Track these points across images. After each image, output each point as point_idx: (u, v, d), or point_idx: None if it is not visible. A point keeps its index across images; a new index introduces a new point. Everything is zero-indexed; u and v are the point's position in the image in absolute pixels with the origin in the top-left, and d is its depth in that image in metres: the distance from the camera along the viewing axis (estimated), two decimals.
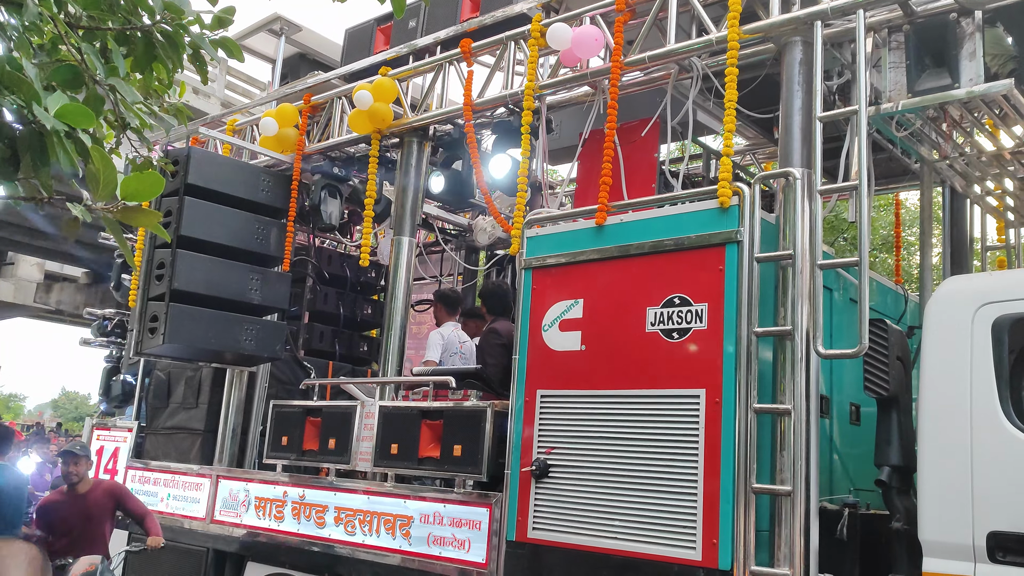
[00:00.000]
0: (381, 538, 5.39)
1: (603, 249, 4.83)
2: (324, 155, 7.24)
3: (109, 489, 6.14)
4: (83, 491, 5.95)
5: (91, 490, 6.00)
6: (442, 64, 6.42)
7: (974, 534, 3.49)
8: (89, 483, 6.05)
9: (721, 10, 4.88)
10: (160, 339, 6.04)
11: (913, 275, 12.31)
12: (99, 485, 6.15)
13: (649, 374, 4.47)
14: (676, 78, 5.41)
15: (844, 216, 12.18)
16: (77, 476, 5.94)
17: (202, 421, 7.32)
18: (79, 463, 5.96)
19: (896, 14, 4.54)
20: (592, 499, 4.52)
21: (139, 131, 2.83)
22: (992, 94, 4.39)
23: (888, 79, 4.59)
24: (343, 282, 8.00)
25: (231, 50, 2.90)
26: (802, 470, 4.04)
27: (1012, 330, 3.65)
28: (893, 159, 5.85)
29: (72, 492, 5.95)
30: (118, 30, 2.65)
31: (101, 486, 6.14)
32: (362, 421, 5.77)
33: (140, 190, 2.17)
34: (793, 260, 4.27)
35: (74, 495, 5.94)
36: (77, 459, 5.97)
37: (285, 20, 10.77)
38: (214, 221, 6.46)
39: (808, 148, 4.45)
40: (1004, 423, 3.54)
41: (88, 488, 5.99)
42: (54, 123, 2.13)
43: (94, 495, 5.98)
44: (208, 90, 17.44)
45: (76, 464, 5.95)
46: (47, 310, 28.58)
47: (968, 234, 6.16)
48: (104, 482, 6.40)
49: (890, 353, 4.12)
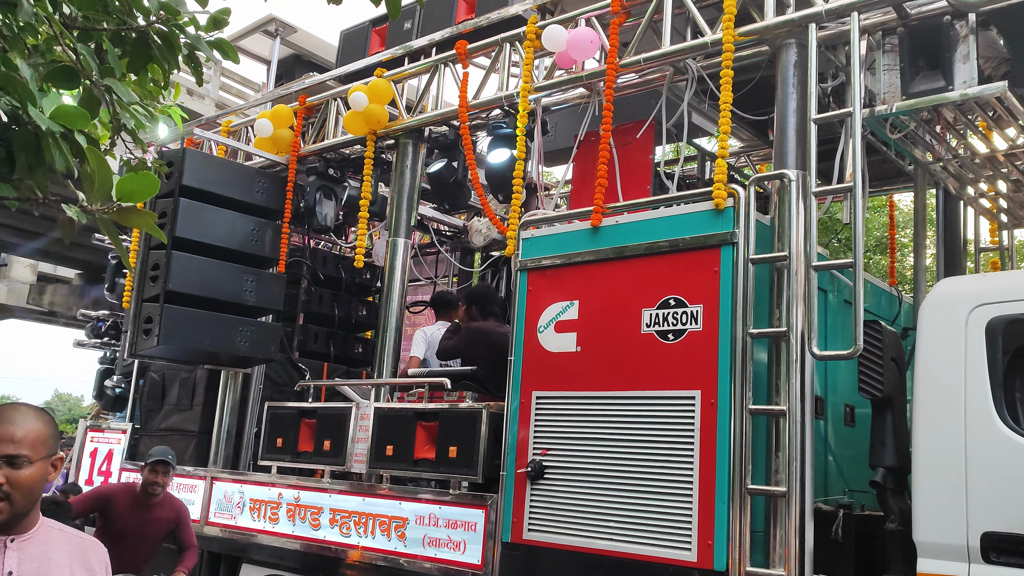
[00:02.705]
0: (376, 540, 5.39)
1: (598, 251, 4.83)
2: (319, 156, 7.24)
3: (177, 509, 5.69)
4: (152, 503, 5.50)
5: (160, 503, 5.53)
6: (437, 66, 6.42)
7: (968, 535, 3.50)
8: (162, 496, 5.55)
9: (716, 12, 4.90)
10: (155, 340, 6.04)
11: (907, 277, 12.33)
12: (169, 502, 5.68)
13: (644, 375, 4.48)
14: (671, 80, 5.43)
15: (838, 218, 12.21)
16: (161, 488, 5.47)
17: (197, 423, 7.31)
18: (168, 474, 5.49)
19: (890, 17, 4.56)
20: (587, 500, 4.52)
21: (134, 132, 2.83)
22: (986, 96, 4.40)
23: (882, 81, 4.60)
24: (338, 283, 8.00)
25: (226, 51, 2.90)
26: (797, 471, 4.05)
27: (1006, 332, 3.66)
28: (887, 161, 5.87)
29: (144, 499, 5.48)
30: (113, 31, 2.65)
31: (171, 503, 5.69)
32: (357, 423, 5.76)
33: (136, 191, 2.17)
34: (788, 262, 4.28)
35: (143, 502, 5.48)
36: (168, 469, 5.48)
37: (280, 21, 10.77)
38: (209, 222, 6.45)
39: (803, 150, 4.47)
40: (998, 424, 3.55)
41: (159, 501, 5.52)
42: (49, 124, 2.13)
43: (161, 512, 5.53)
44: (203, 91, 17.42)
45: (166, 475, 5.47)
46: (40, 312, 28.46)
47: (962, 236, 6.17)
48: (174, 500, 5.84)
49: (884, 354, 4.13)
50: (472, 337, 6.24)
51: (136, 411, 7.96)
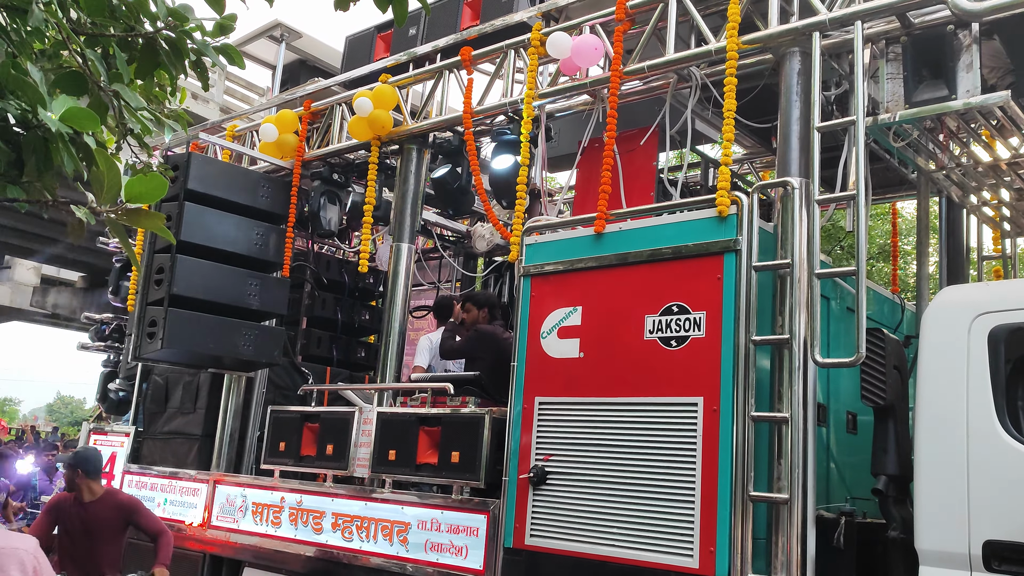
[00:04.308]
0: (378, 544, 5.39)
1: (601, 257, 4.84)
2: (324, 161, 7.26)
3: (122, 503, 5.57)
4: (88, 502, 5.44)
5: (99, 501, 5.46)
6: (442, 72, 6.44)
7: (970, 543, 3.50)
8: (96, 493, 5.49)
9: (720, 20, 4.92)
10: (159, 344, 6.05)
11: (910, 284, 12.33)
12: (111, 498, 5.59)
13: (647, 382, 4.48)
14: (675, 87, 5.44)
15: (841, 225, 12.19)
16: (78, 485, 5.41)
17: (200, 426, 7.32)
18: (88, 475, 5.43)
19: (894, 26, 4.58)
20: (590, 506, 4.52)
21: (140, 137, 2.84)
22: (989, 105, 4.42)
23: (886, 90, 4.62)
24: (342, 288, 8.00)
25: (232, 56, 2.91)
26: (799, 478, 4.05)
27: (1008, 340, 3.66)
28: (890, 169, 5.88)
29: (79, 499, 5.43)
30: (121, 36, 2.67)
31: (113, 499, 5.58)
32: (360, 427, 5.77)
33: (144, 192, 2.19)
34: (791, 269, 4.28)
35: (80, 502, 5.42)
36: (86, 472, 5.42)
37: (286, 27, 10.81)
38: (213, 226, 6.47)
39: (806, 158, 4.48)
40: (1000, 433, 3.55)
41: (94, 499, 5.45)
42: (59, 126, 2.14)
43: (102, 510, 5.44)
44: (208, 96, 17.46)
45: (86, 475, 5.43)
46: (43, 314, 28.54)
47: (964, 244, 6.18)
48: (116, 494, 5.80)
49: (887, 362, 4.13)
50: (479, 338, 6.26)
51: (139, 414, 7.97)
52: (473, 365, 6.31)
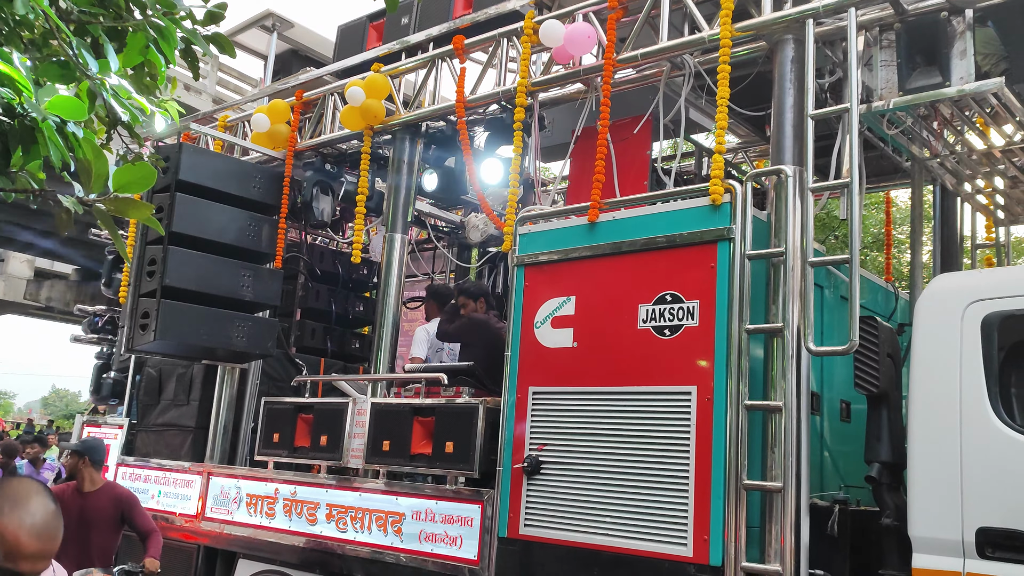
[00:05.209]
0: (373, 535, 5.39)
1: (595, 246, 4.83)
2: (316, 151, 7.23)
3: (119, 496, 5.54)
4: (88, 492, 5.43)
5: (97, 492, 5.45)
6: (435, 61, 6.41)
7: (963, 530, 3.51)
8: (96, 484, 5.49)
9: (713, 8, 4.90)
10: (151, 336, 6.02)
11: (903, 273, 12.34)
12: (108, 490, 5.58)
13: (641, 371, 4.48)
14: (668, 76, 5.43)
15: (835, 214, 12.23)
16: (80, 473, 5.41)
17: (193, 418, 7.30)
18: (89, 464, 5.43)
19: (887, 12, 4.56)
20: (584, 495, 4.52)
21: (130, 127, 2.82)
22: (983, 93, 4.41)
23: (879, 77, 4.60)
24: (335, 279, 7.99)
25: (223, 46, 2.89)
26: (793, 467, 4.06)
27: (1001, 327, 3.67)
28: (884, 157, 5.88)
29: (79, 489, 5.44)
30: (110, 25, 2.64)
31: (110, 491, 5.57)
32: (354, 418, 5.76)
33: (132, 181, 2.17)
34: (784, 258, 4.28)
35: (79, 492, 5.42)
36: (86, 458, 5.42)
37: (277, 16, 10.72)
38: (205, 217, 6.44)
39: (800, 146, 4.47)
40: (993, 420, 3.56)
41: (94, 489, 5.45)
42: (45, 115, 2.12)
43: (99, 501, 5.42)
44: (199, 86, 17.39)
45: (85, 463, 5.42)
46: (37, 307, 28.45)
47: (958, 232, 6.19)
48: (116, 487, 5.77)
49: (880, 350, 4.14)
50: (471, 324, 6.27)
51: (133, 406, 7.96)
52: (466, 351, 6.32)
